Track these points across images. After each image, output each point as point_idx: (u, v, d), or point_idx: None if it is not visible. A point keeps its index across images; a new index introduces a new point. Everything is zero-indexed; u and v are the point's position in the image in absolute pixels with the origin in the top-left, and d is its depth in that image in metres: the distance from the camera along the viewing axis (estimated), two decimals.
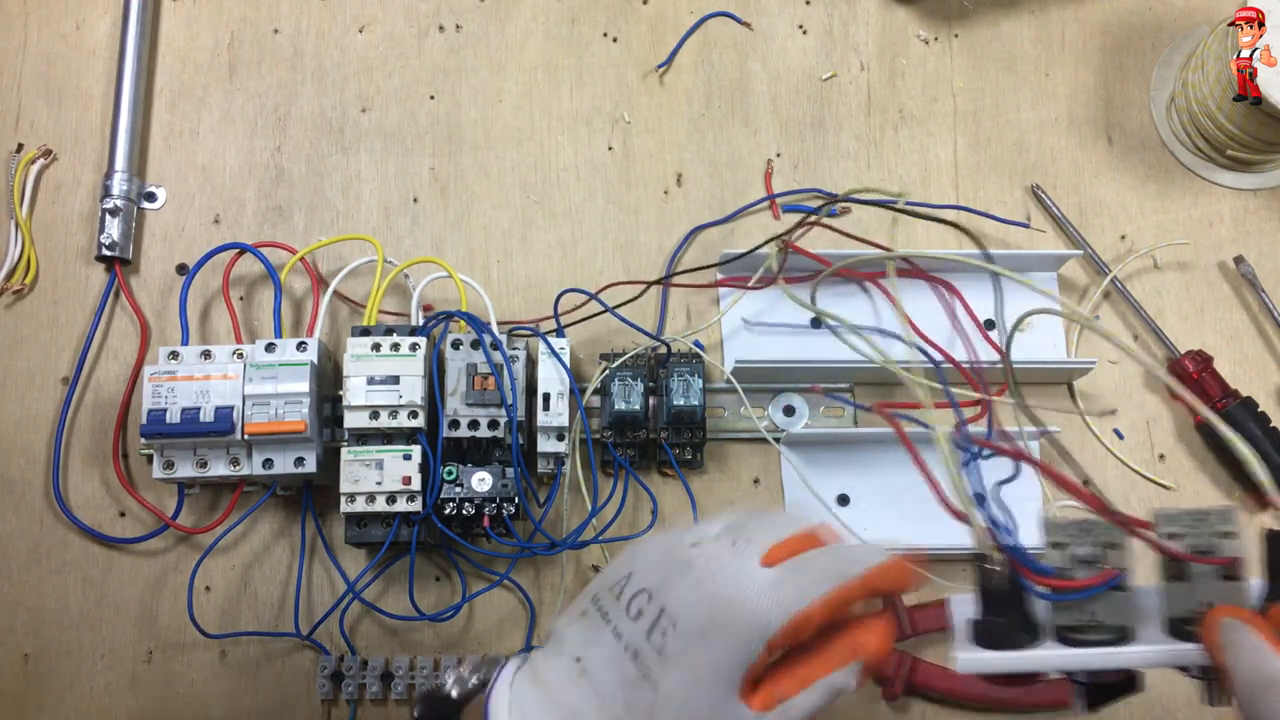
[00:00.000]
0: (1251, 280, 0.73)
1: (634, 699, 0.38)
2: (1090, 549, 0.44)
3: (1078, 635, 0.44)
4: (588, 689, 0.39)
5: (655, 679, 0.38)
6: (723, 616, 0.38)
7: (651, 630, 0.38)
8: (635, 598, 0.39)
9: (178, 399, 0.62)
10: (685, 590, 0.38)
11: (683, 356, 0.68)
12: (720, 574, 0.38)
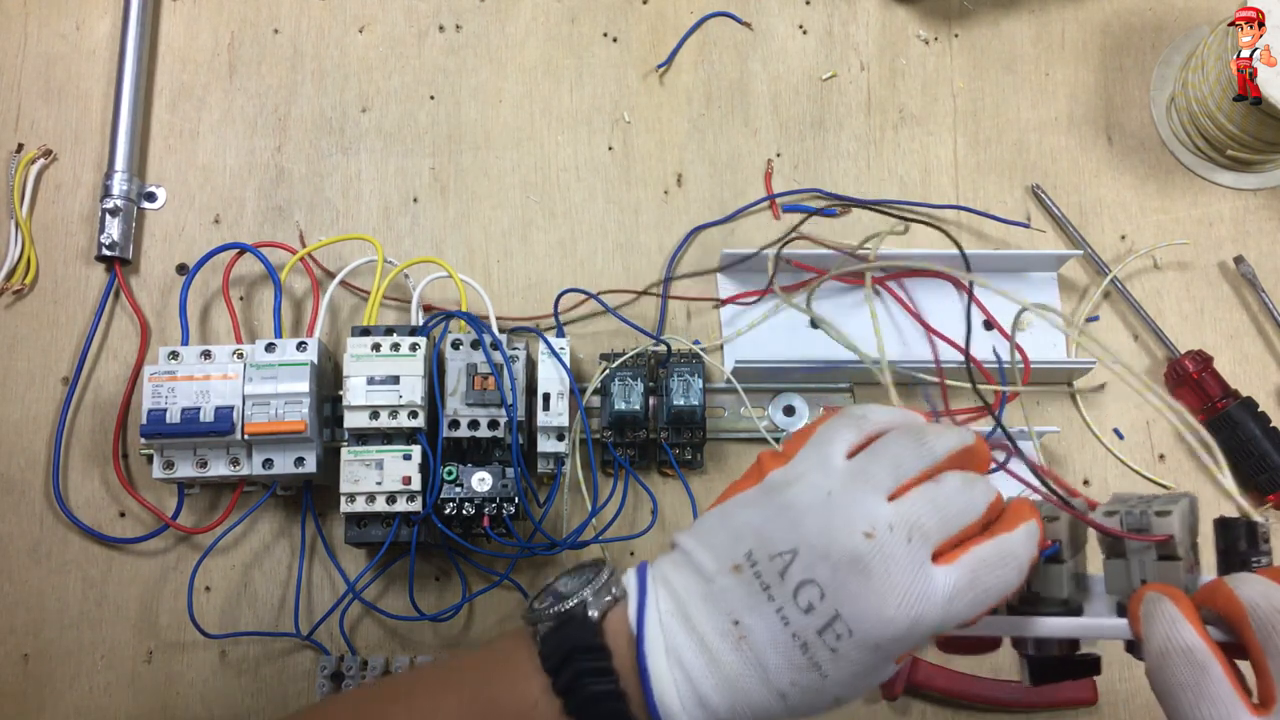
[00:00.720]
0: (1251, 280, 0.73)
1: (801, 680, 0.39)
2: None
3: (1024, 606, 0.45)
4: (749, 657, 0.39)
5: (826, 671, 0.39)
6: (901, 634, 0.38)
7: (824, 630, 0.38)
8: (804, 588, 0.39)
9: (178, 399, 0.62)
10: (865, 604, 0.38)
11: (683, 356, 0.68)
12: (899, 590, 0.38)
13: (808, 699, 0.39)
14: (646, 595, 0.41)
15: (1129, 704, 0.68)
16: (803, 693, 0.39)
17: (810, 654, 0.38)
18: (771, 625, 0.39)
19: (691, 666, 0.39)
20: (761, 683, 0.39)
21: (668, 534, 0.68)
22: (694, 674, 0.39)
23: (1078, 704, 0.67)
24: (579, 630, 0.41)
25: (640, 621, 0.40)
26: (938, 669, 0.66)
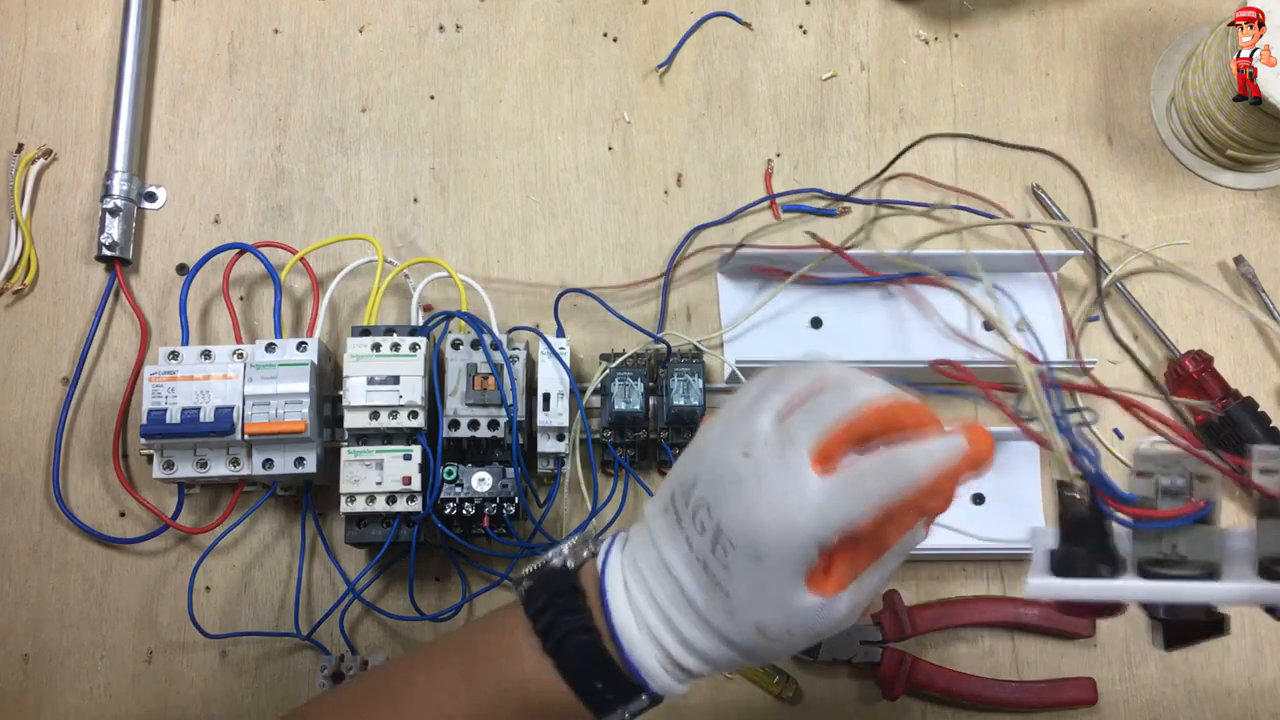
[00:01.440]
0: (1251, 280, 0.73)
1: (711, 602, 0.41)
2: (1177, 480, 0.42)
3: (1160, 569, 0.42)
4: (673, 586, 0.42)
5: (726, 588, 0.41)
6: (772, 541, 0.39)
7: (715, 546, 0.41)
8: (699, 510, 0.41)
9: (178, 399, 0.62)
10: (738, 511, 0.40)
11: (683, 356, 0.68)
12: (769, 492, 0.39)
13: (728, 624, 0.41)
14: (612, 546, 0.45)
15: (1129, 704, 0.68)
16: (720, 616, 0.41)
17: (710, 573, 0.41)
18: (681, 550, 0.42)
19: (639, 601, 0.43)
20: (688, 607, 0.42)
21: None
22: (641, 607, 0.43)
23: (1078, 704, 0.67)
24: (556, 578, 0.45)
25: (603, 567, 0.44)
26: (938, 669, 0.66)
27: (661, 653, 0.43)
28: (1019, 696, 0.66)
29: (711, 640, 0.42)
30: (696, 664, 0.43)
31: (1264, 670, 0.68)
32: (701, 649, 0.42)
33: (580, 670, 0.43)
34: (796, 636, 0.41)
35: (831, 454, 0.39)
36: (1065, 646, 0.68)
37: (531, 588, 0.45)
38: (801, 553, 0.39)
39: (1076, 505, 0.43)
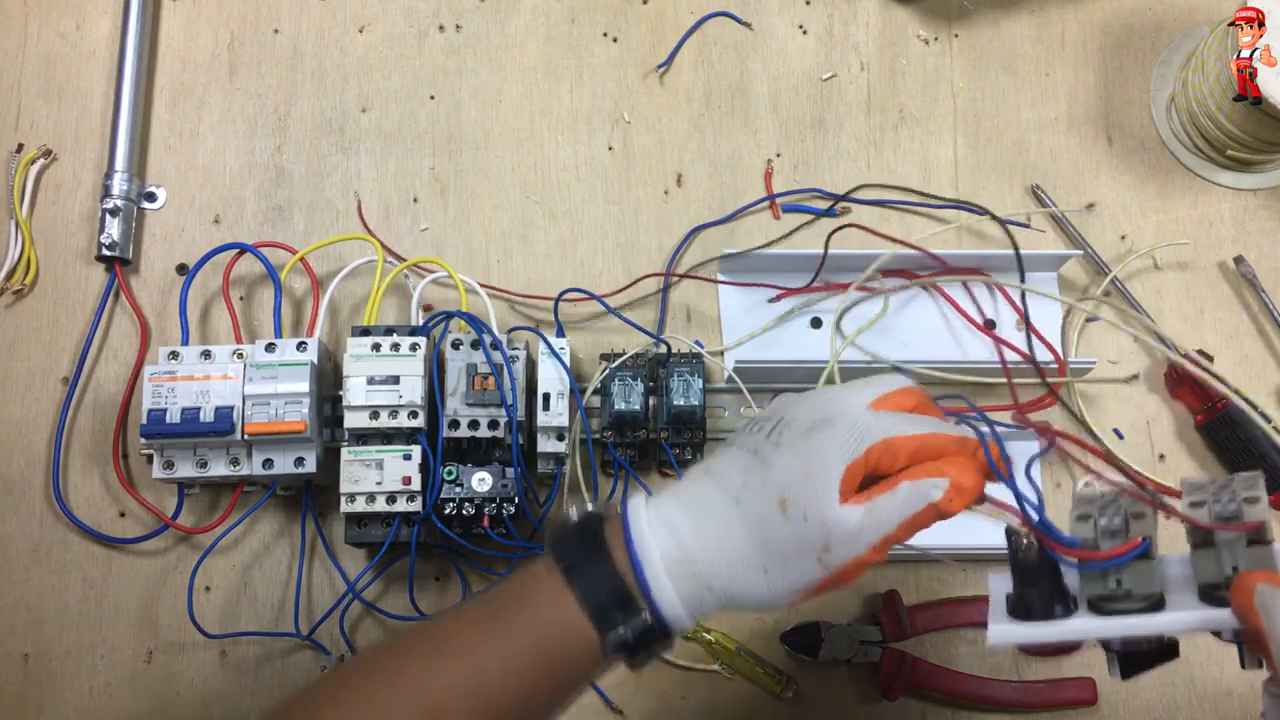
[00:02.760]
0: (1251, 280, 0.73)
1: (750, 479, 0.45)
2: (1115, 520, 0.45)
3: (1109, 605, 0.44)
4: (711, 483, 0.46)
5: (769, 461, 0.45)
6: (830, 415, 0.45)
7: (770, 433, 0.46)
8: (764, 423, 0.47)
9: (178, 399, 0.62)
10: (802, 404, 0.46)
11: (683, 356, 0.68)
12: (835, 393, 0.46)
13: (755, 496, 0.44)
14: (635, 497, 0.47)
15: (1129, 704, 0.68)
16: (751, 491, 0.44)
17: (759, 455, 0.45)
18: (731, 452, 0.47)
19: (665, 508, 0.45)
20: (720, 492, 0.45)
21: None
22: (666, 510, 0.45)
23: (1077, 704, 0.67)
24: (582, 521, 0.47)
25: (624, 497, 0.47)
26: (938, 669, 0.66)
27: (671, 545, 0.44)
28: (1019, 696, 0.66)
29: (725, 526, 0.44)
30: (705, 560, 0.44)
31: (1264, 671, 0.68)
32: (713, 539, 0.44)
33: (588, 582, 0.44)
34: (806, 528, 0.43)
35: (884, 406, 0.46)
36: None
37: (559, 530, 0.47)
38: (847, 435, 0.44)
39: (1026, 551, 0.45)
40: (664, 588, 0.44)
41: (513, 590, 0.47)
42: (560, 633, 0.44)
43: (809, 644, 0.66)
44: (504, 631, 0.45)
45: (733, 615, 0.68)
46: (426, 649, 0.46)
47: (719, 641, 0.67)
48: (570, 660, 0.45)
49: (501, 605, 0.46)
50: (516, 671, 0.44)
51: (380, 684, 0.44)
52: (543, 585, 0.45)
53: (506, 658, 0.44)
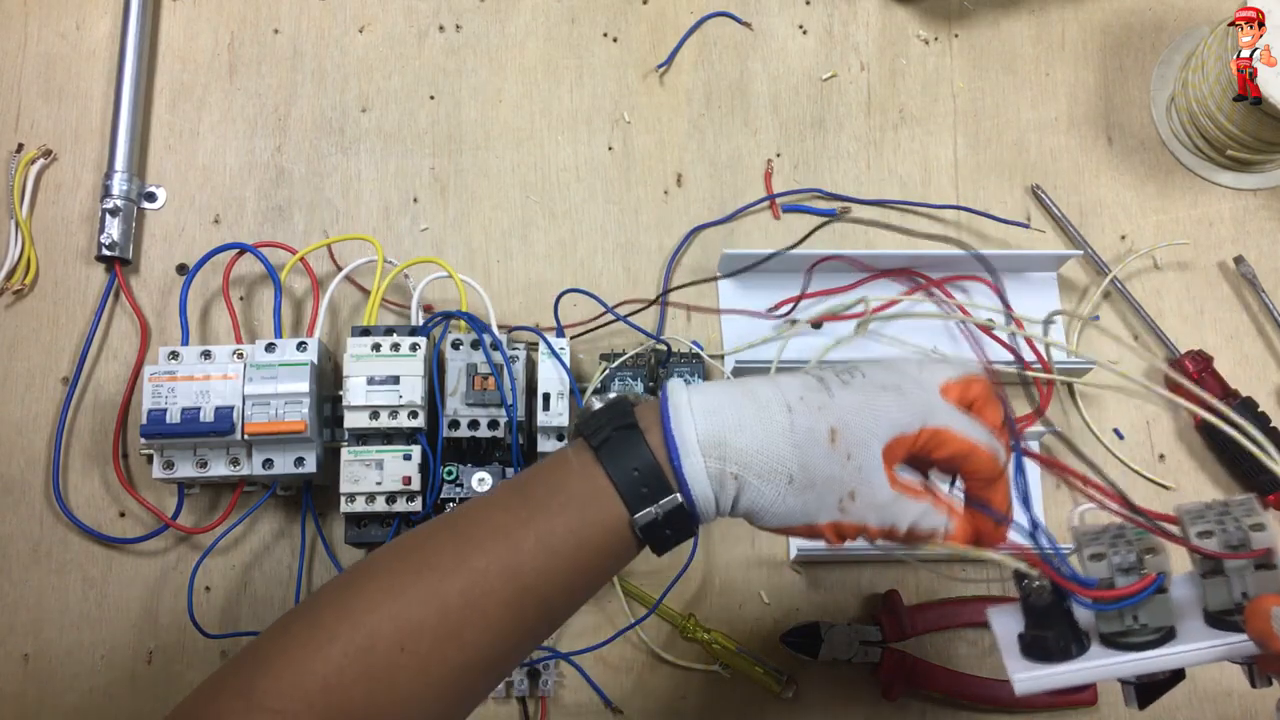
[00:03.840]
0: (1251, 280, 0.73)
1: (809, 395, 0.45)
2: (1129, 557, 0.45)
3: (1125, 639, 0.45)
4: (770, 385, 0.45)
5: (833, 391, 0.45)
6: (902, 383, 0.45)
7: (841, 373, 0.46)
8: (836, 365, 0.47)
9: (178, 399, 0.62)
10: (879, 365, 0.47)
11: (683, 357, 0.68)
12: (911, 370, 0.47)
13: (809, 414, 0.44)
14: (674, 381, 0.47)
15: None
16: (807, 407, 0.44)
17: (824, 382, 0.46)
18: (798, 375, 0.47)
19: (712, 393, 0.45)
20: (775, 395, 0.45)
21: None
22: (712, 396, 0.45)
23: (1077, 704, 0.67)
24: (617, 403, 0.47)
25: (665, 382, 0.47)
26: (938, 669, 0.66)
27: (710, 430, 0.44)
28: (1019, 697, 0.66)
29: (777, 424, 0.44)
30: (740, 449, 0.43)
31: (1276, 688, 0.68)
32: (753, 434, 0.44)
33: (618, 458, 0.44)
34: (846, 467, 0.44)
35: (954, 395, 0.46)
36: None
37: (591, 413, 0.47)
38: (912, 410, 0.45)
39: (1038, 594, 0.46)
40: (696, 466, 0.43)
41: (542, 474, 0.46)
42: (593, 510, 0.44)
43: (809, 644, 0.66)
44: (538, 513, 0.44)
45: (732, 615, 0.68)
46: (457, 537, 0.44)
47: (719, 641, 0.67)
48: (603, 539, 0.44)
49: (532, 488, 0.45)
50: (551, 552, 0.44)
51: (409, 575, 0.43)
52: (573, 466, 0.45)
53: (540, 538, 0.44)
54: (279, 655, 0.42)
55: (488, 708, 0.66)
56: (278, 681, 0.41)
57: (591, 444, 0.45)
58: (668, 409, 0.44)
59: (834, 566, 0.69)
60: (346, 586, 0.44)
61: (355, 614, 0.42)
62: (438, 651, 0.42)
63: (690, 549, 0.66)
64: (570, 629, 0.67)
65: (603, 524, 0.44)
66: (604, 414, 0.46)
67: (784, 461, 0.44)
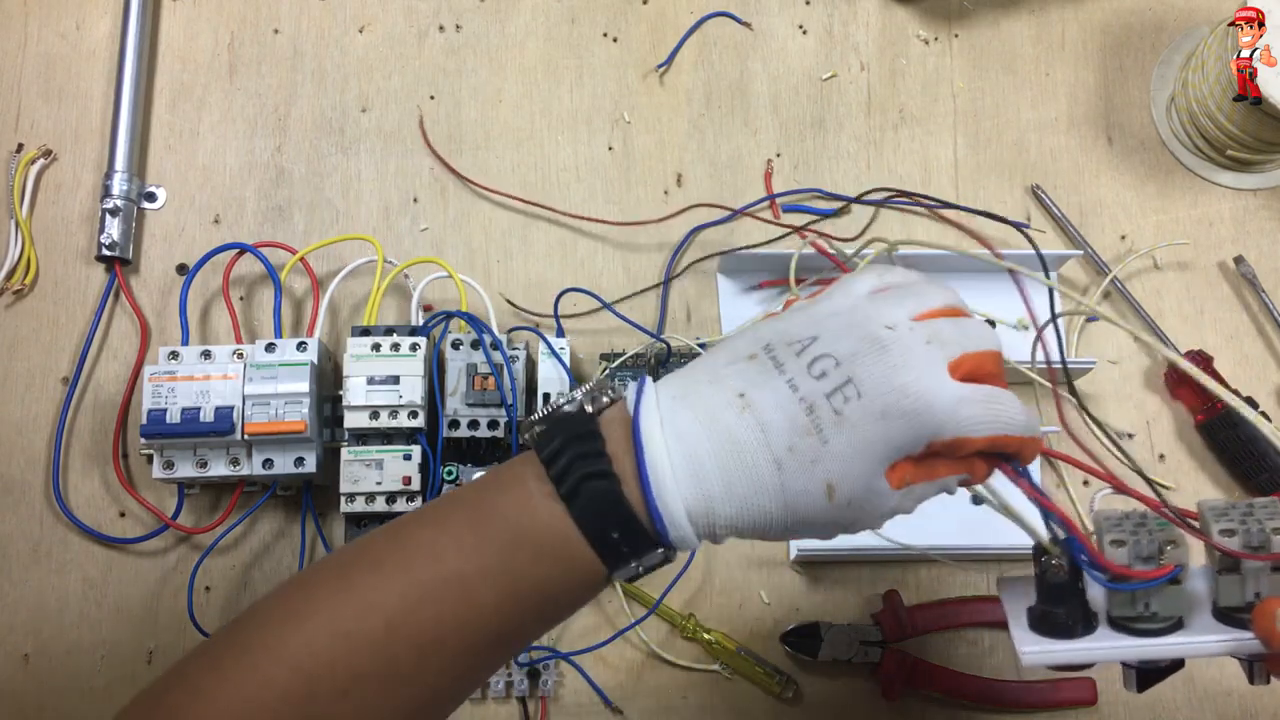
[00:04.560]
0: (1251, 280, 0.73)
1: (800, 445, 0.39)
2: (1151, 546, 0.45)
3: (1134, 625, 0.46)
4: (751, 421, 0.40)
5: (826, 435, 0.39)
6: (909, 407, 0.39)
7: (833, 394, 0.39)
8: (820, 360, 0.40)
9: (178, 399, 0.62)
10: (879, 370, 0.40)
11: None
12: (915, 369, 0.40)
13: (802, 471, 0.39)
14: (645, 385, 0.41)
15: (1129, 704, 0.68)
16: (798, 462, 0.39)
17: (815, 415, 0.39)
18: (779, 391, 0.40)
19: (687, 432, 0.40)
20: (761, 445, 0.39)
21: None
22: (689, 438, 0.39)
23: (1077, 704, 0.67)
24: (572, 421, 0.41)
25: (637, 403, 0.41)
26: (938, 669, 0.66)
27: (696, 498, 0.39)
28: (1019, 696, 0.66)
29: (764, 482, 0.39)
30: (728, 517, 0.40)
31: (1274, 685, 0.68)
32: (742, 500, 0.40)
33: (596, 517, 0.39)
34: (845, 511, 0.40)
35: (963, 370, 0.41)
36: None
37: (544, 432, 0.41)
38: (920, 431, 0.40)
39: (1056, 572, 0.46)
40: (685, 536, 0.40)
41: (500, 510, 0.41)
42: (563, 565, 0.40)
43: (809, 644, 0.66)
44: (500, 564, 0.40)
45: (732, 615, 0.68)
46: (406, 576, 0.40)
47: (719, 641, 0.67)
48: (573, 591, 0.41)
49: (488, 525, 0.40)
50: (515, 603, 0.40)
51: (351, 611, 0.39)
52: (538, 511, 0.40)
53: (501, 593, 0.40)
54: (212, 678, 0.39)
55: (488, 708, 0.66)
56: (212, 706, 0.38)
57: (559, 488, 0.40)
58: (645, 466, 0.39)
59: (834, 566, 0.69)
60: (283, 619, 0.40)
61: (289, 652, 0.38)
62: (383, 698, 0.39)
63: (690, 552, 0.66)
64: (570, 629, 0.67)
65: (574, 578, 0.41)
66: (564, 441, 0.40)
67: (776, 521, 0.40)
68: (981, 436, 0.40)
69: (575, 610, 0.44)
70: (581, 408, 0.42)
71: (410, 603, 0.39)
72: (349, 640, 0.39)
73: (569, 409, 0.42)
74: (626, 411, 0.41)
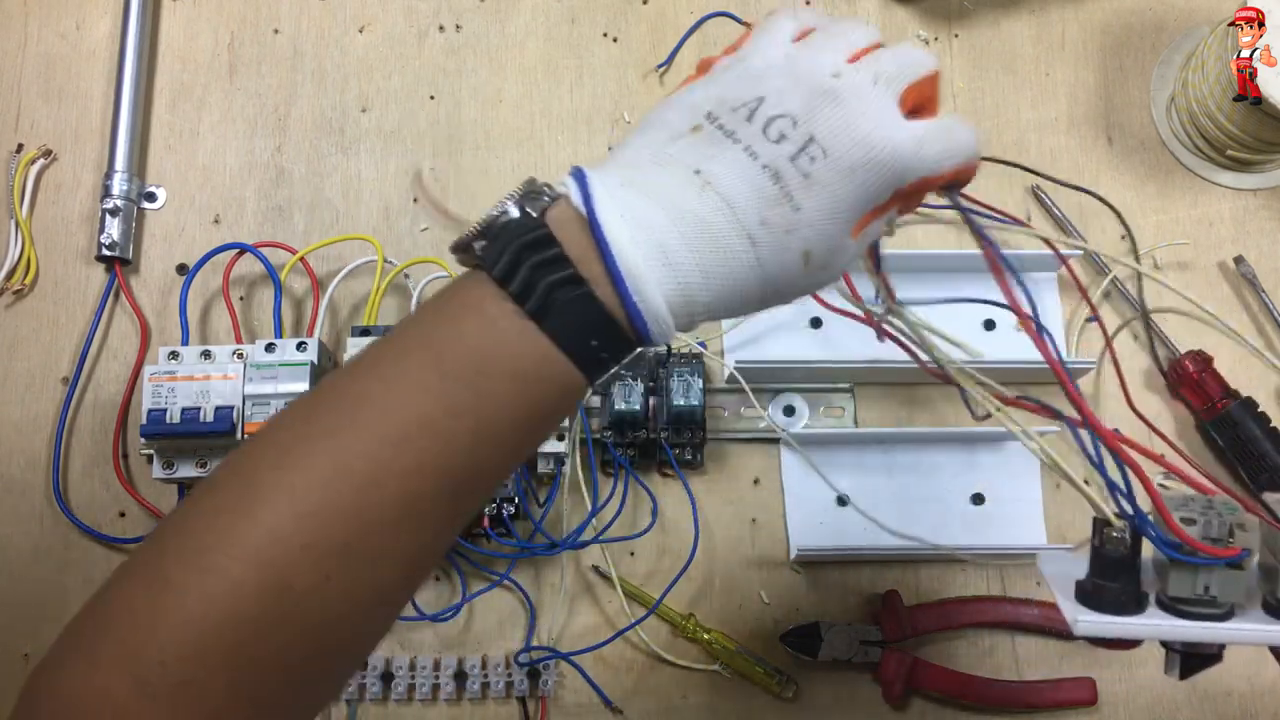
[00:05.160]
0: (1251, 280, 0.73)
1: (771, 216, 0.37)
2: (1222, 528, 0.45)
3: (1189, 608, 0.45)
4: (715, 199, 0.37)
5: (798, 202, 0.37)
6: (875, 158, 0.38)
7: (797, 155, 0.37)
8: (774, 122, 0.38)
9: (178, 399, 0.62)
10: (838, 123, 0.38)
11: (683, 357, 0.68)
12: (872, 116, 0.38)
13: (778, 244, 0.37)
14: (588, 177, 0.37)
15: (1129, 704, 0.68)
16: (773, 235, 0.37)
17: (782, 183, 0.37)
18: (738, 161, 0.37)
19: (650, 221, 0.36)
20: (731, 224, 0.37)
21: (668, 534, 0.68)
22: (657, 229, 0.36)
23: (1078, 704, 0.67)
24: (518, 228, 0.37)
25: (587, 198, 0.37)
26: (938, 669, 0.66)
27: (674, 289, 0.36)
28: (1019, 696, 0.66)
29: (741, 262, 0.37)
30: (706, 303, 0.37)
31: (1264, 671, 0.68)
32: (720, 284, 0.37)
33: (573, 329, 0.36)
34: (821, 276, 0.39)
35: (909, 103, 0.40)
36: (1065, 646, 0.68)
37: (488, 246, 0.37)
38: (889, 180, 0.38)
39: (1115, 545, 0.45)
40: (665, 330, 0.37)
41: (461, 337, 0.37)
42: (541, 385, 0.37)
43: (809, 644, 0.66)
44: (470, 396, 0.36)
45: (732, 615, 0.68)
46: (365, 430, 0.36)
47: (719, 641, 0.67)
48: (551, 408, 0.38)
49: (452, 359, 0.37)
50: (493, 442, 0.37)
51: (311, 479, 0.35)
52: (505, 333, 0.36)
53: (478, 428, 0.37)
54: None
55: (488, 708, 0.66)
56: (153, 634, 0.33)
57: (523, 305, 0.36)
58: (616, 266, 0.36)
59: (834, 566, 0.69)
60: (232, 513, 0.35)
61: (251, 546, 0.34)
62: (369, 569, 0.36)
63: (690, 553, 0.66)
64: (570, 629, 0.67)
65: (552, 395, 0.37)
66: (517, 252, 0.36)
67: (753, 299, 0.39)
68: (946, 172, 0.40)
69: (552, 429, 0.41)
70: (524, 212, 0.37)
71: (380, 463, 0.35)
72: (318, 518, 0.35)
73: (502, 215, 0.37)
74: (575, 209, 0.37)
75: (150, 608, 0.34)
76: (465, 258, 0.39)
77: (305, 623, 0.35)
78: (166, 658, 0.33)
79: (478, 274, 0.38)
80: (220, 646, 0.33)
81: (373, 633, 0.39)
